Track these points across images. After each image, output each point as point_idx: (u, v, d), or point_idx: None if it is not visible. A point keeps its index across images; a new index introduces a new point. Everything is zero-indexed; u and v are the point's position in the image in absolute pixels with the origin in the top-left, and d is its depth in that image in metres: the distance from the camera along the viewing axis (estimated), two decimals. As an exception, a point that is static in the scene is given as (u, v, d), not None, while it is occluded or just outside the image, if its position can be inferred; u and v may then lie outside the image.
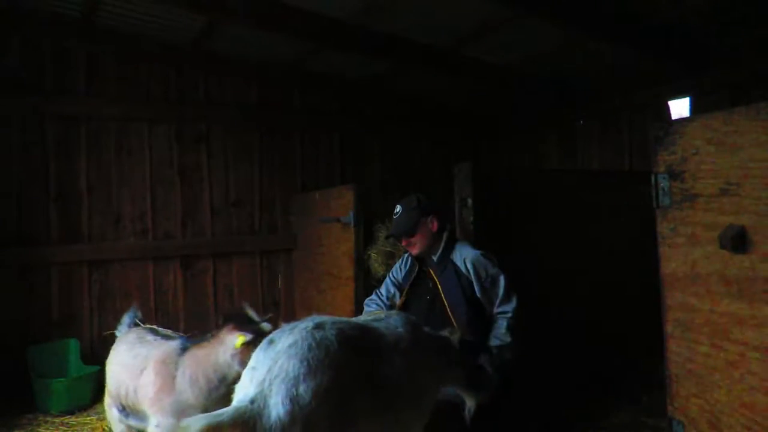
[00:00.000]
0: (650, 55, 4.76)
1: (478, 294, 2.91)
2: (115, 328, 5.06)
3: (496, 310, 2.91)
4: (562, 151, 6.41)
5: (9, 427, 3.72)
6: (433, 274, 3.03)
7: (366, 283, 4.74)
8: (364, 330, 1.97)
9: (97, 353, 4.84)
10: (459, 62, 5.24)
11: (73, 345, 4.65)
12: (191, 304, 5.38)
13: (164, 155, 5.32)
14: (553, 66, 5.39)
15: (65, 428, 3.69)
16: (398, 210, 3.14)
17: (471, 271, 2.92)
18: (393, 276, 3.34)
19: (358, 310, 4.20)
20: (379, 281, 4.86)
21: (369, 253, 4.92)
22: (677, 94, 5.11)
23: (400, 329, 2.10)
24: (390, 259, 4.85)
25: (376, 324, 2.10)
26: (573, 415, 3.45)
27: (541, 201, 3.89)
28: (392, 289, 3.29)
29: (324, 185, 5.73)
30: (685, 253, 2.00)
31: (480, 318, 2.92)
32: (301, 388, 1.54)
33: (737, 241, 1.79)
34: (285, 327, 1.79)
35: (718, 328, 1.90)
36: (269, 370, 1.58)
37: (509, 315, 2.88)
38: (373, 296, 3.37)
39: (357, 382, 1.71)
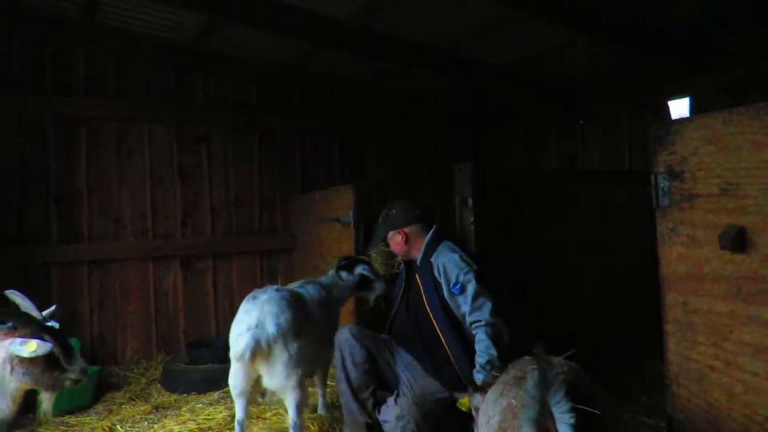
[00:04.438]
0: (650, 55, 4.76)
1: (446, 297, 2.85)
2: (115, 327, 5.13)
3: (468, 319, 2.80)
4: (562, 151, 6.41)
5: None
6: (417, 277, 3.04)
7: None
8: (297, 293, 3.28)
9: (97, 353, 4.85)
10: (459, 62, 5.25)
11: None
12: (191, 304, 5.38)
13: (164, 155, 5.33)
14: (553, 66, 5.39)
15: (65, 428, 3.68)
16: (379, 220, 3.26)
17: (442, 274, 2.88)
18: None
19: (359, 309, 4.21)
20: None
21: (369, 253, 4.91)
22: (677, 94, 5.10)
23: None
24: (390, 259, 4.84)
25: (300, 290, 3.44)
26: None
27: (541, 201, 3.89)
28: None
29: (324, 185, 5.73)
30: (685, 253, 2.00)
31: (457, 321, 2.85)
32: (281, 319, 2.88)
33: (737, 241, 1.79)
34: (255, 292, 3.08)
35: (718, 328, 1.90)
36: (261, 311, 2.90)
37: (483, 323, 2.73)
38: None
39: (301, 316, 3.02)
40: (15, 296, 2.35)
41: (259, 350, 2.76)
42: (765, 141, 1.74)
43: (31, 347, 2.12)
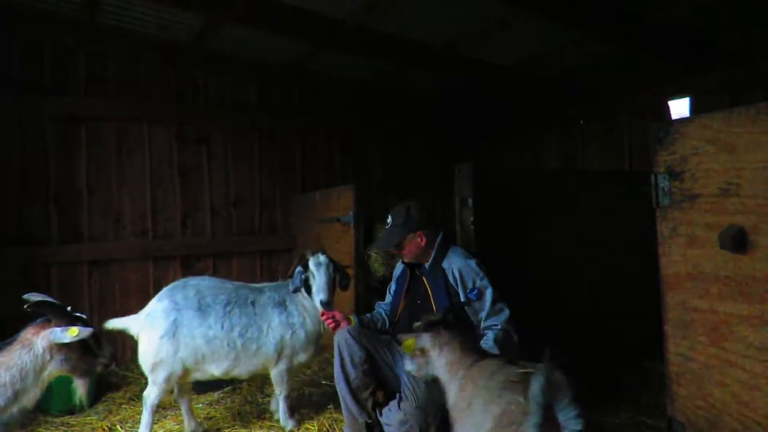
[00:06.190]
0: (650, 55, 4.76)
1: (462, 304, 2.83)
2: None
3: (483, 324, 2.81)
4: (562, 151, 6.41)
5: (9, 427, 3.71)
6: (425, 281, 3.01)
7: (366, 283, 4.75)
8: (213, 281, 3.51)
9: (97, 353, 4.84)
10: (459, 62, 5.24)
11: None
12: (191, 304, 5.37)
13: (164, 155, 5.32)
14: (553, 66, 5.39)
15: (65, 428, 3.68)
16: (389, 221, 3.10)
17: (458, 280, 2.86)
18: (391, 284, 3.36)
19: (359, 309, 4.21)
20: (379, 281, 4.88)
21: (369, 253, 4.92)
22: (677, 94, 5.11)
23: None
24: (390, 259, 4.85)
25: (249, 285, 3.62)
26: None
27: (541, 201, 3.89)
28: (388, 298, 3.34)
29: (324, 185, 5.73)
30: (685, 253, 2.00)
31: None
32: (153, 306, 3.26)
33: (737, 241, 1.79)
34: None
35: (718, 328, 1.90)
36: (164, 295, 3.30)
37: (498, 327, 2.76)
38: (381, 304, 3.40)
39: (197, 302, 3.28)
40: (35, 298, 2.39)
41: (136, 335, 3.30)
42: (765, 141, 1.74)
43: (74, 332, 2.24)
